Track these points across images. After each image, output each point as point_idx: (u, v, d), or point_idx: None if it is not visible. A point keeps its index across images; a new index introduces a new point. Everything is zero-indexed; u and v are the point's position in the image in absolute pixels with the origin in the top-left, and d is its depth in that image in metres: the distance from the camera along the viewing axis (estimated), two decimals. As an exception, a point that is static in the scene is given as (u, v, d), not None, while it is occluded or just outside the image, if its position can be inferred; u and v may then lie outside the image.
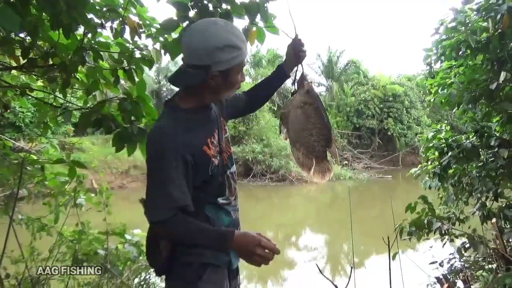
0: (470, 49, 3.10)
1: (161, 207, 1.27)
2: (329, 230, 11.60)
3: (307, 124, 1.58)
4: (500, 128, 3.64)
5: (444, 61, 3.62)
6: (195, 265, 1.37)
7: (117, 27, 2.34)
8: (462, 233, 3.57)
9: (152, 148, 1.30)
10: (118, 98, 2.21)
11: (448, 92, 3.44)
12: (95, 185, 2.79)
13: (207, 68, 1.29)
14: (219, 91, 1.38)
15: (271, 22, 2.16)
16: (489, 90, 3.03)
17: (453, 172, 4.00)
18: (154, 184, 1.30)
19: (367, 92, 24.19)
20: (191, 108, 1.37)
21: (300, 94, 1.58)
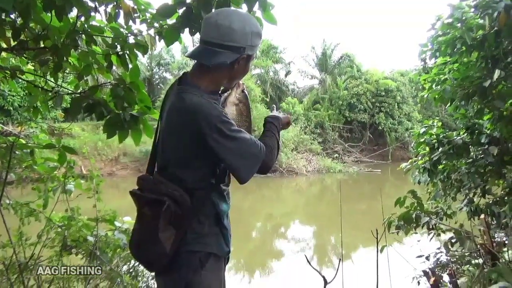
0: (465, 46, 3.11)
1: (257, 155, 1.40)
2: (318, 222, 11.70)
3: (240, 120, 1.65)
4: (491, 126, 3.68)
5: (439, 57, 3.63)
6: (200, 253, 1.39)
7: (111, 11, 2.29)
8: (449, 228, 3.62)
9: (214, 112, 1.34)
10: (111, 84, 2.17)
11: (442, 88, 3.45)
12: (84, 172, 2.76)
13: (241, 50, 1.38)
14: (236, 76, 1.49)
15: (269, 12, 2.14)
16: (482, 87, 3.05)
17: (443, 168, 4.05)
18: (240, 143, 1.36)
19: (360, 86, 24.28)
20: (212, 91, 1.44)
21: (236, 93, 1.66)
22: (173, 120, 1.40)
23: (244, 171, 1.38)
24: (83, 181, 2.62)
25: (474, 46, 3.06)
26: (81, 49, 2.26)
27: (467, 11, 3.15)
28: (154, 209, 1.33)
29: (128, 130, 2.17)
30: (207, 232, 1.42)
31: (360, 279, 4.88)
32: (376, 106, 24.26)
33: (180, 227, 1.36)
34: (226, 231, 1.48)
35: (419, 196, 3.66)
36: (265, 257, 8.58)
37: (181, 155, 1.40)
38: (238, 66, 1.42)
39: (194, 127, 1.32)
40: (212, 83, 1.44)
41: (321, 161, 21.00)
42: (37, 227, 2.56)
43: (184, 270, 1.37)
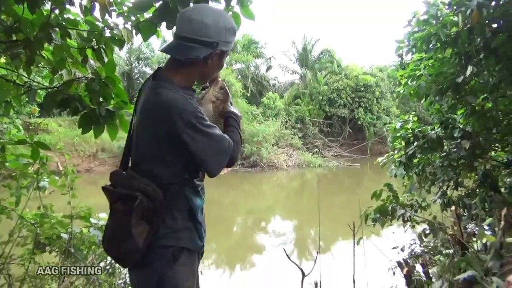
0: (440, 43, 3.18)
1: (226, 150, 1.42)
2: (298, 216, 11.81)
3: (218, 118, 1.64)
4: (464, 120, 3.79)
5: (415, 53, 3.71)
6: (173, 248, 1.40)
7: (86, 4, 2.24)
8: (423, 220, 3.72)
9: (189, 108, 1.34)
10: (86, 78, 2.12)
11: (417, 84, 3.53)
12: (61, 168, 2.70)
13: (214, 46, 1.39)
14: (209, 72, 1.50)
15: (247, 7, 2.13)
16: (455, 83, 3.14)
17: (418, 162, 4.15)
18: (212, 139, 1.38)
19: (339, 81, 24.52)
20: (186, 86, 1.44)
21: (214, 90, 1.63)
22: (147, 115, 1.40)
23: (215, 166, 1.41)
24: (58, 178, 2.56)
25: (448, 42, 3.13)
26: (55, 43, 2.21)
27: (442, 8, 3.22)
28: (127, 205, 1.32)
29: (104, 125, 2.14)
30: (181, 226, 1.42)
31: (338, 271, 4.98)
32: (355, 101, 24.57)
33: (153, 222, 1.36)
34: (200, 225, 1.48)
35: (394, 189, 3.75)
36: (246, 252, 8.63)
37: (155, 150, 1.39)
38: (212, 61, 1.43)
39: (169, 122, 1.32)
40: (185, 78, 1.44)
41: (302, 155, 21.17)
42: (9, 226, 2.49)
43: (157, 264, 1.38)
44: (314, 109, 24.77)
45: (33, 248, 2.28)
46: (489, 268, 2.19)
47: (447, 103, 3.63)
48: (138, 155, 1.46)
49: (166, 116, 1.32)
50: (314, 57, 27.11)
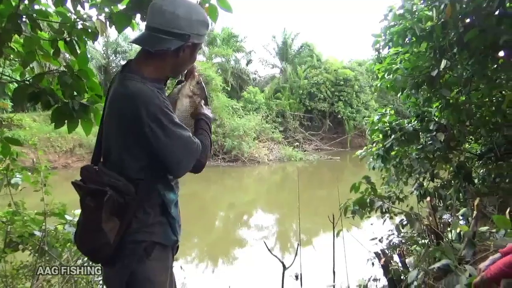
0: (415, 37, 3.23)
1: (193, 152, 1.39)
2: (279, 210, 11.89)
3: (194, 115, 1.60)
4: (439, 114, 3.88)
5: (391, 47, 3.75)
6: (145, 243, 1.38)
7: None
8: (400, 211, 3.79)
9: (156, 101, 1.31)
10: (58, 72, 2.06)
11: (393, 78, 3.58)
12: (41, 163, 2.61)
13: (186, 38, 1.37)
14: (181, 65, 1.47)
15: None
16: (430, 77, 3.20)
17: (395, 154, 4.23)
18: (177, 138, 1.35)
19: (319, 75, 24.70)
20: (156, 79, 1.41)
21: (191, 84, 1.60)
22: (115, 106, 1.37)
23: (178, 167, 1.38)
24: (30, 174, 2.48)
25: (423, 37, 3.18)
26: (25, 35, 2.13)
27: (417, 3, 3.27)
28: (97, 200, 1.30)
29: (78, 119, 2.08)
30: (153, 221, 1.40)
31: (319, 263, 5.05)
32: (335, 95, 24.82)
33: (124, 217, 1.34)
34: (174, 220, 1.46)
35: (372, 182, 3.80)
36: (228, 246, 8.63)
37: (122, 144, 1.37)
38: (183, 54, 1.41)
39: (133, 114, 1.29)
40: (156, 70, 1.41)
41: (283, 149, 21.27)
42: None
43: (129, 259, 1.36)
44: (294, 103, 24.90)
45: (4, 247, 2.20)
46: (463, 257, 2.26)
47: (422, 96, 3.70)
48: (107, 149, 1.43)
49: (131, 107, 1.29)
50: (294, 51, 27.22)
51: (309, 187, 14.35)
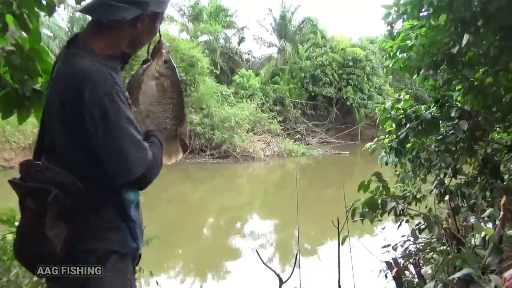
0: (432, 7, 3.21)
1: (139, 161, 1.34)
2: (278, 215, 11.92)
3: (162, 98, 1.60)
4: (462, 98, 3.88)
5: (406, 20, 3.74)
6: (100, 251, 1.36)
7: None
8: (418, 213, 3.80)
9: (104, 85, 1.28)
10: (5, 51, 2.04)
11: (407, 56, 3.57)
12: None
13: (144, 5, 1.37)
14: (140, 38, 1.48)
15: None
16: (450, 54, 3.19)
17: (411, 147, 4.22)
18: (122, 135, 1.31)
19: (324, 55, 24.72)
20: (110, 55, 1.40)
21: (157, 64, 1.59)
22: (57, 89, 1.36)
23: (115, 172, 1.34)
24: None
25: (442, 7, 3.16)
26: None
27: (435, -33, 3.25)
28: (39, 201, 1.27)
29: (30, 108, 2.07)
30: (108, 226, 1.39)
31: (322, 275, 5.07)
32: (343, 79, 24.88)
33: (73, 221, 1.32)
34: (134, 224, 1.44)
35: (384, 179, 3.81)
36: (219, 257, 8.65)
37: (68, 133, 1.34)
38: (142, 25, 1.41)
39: (76, 96, 1.27)
40: (109, 45, 1.40)
41: (282, 143, 21.31)
42: None
43: (79, 272, 1.34)
44: (295, 88, 24.92)
45: None
46: (487, 265, 2.27)
47: (442, 78, 3.69)
48: (51, 140, 1.40)
49: (74, 89, 1.27)
50: (294, 27, 27.18)
51: (312, 187, 14.41)
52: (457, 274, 2.16)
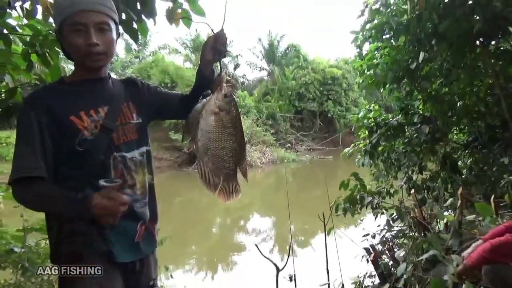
0: (392, 31, 3.26)
1: (15, 169, 1.19)
2: (275, 213, 11.86)
3: (221, 134, 1.36)
4: (422, 106, 3.91)
5: (371, 43, 3.78)
6: (69, 255, 1.27)
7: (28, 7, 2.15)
8: (391, 206, 3.80)
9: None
10: (30, 85, 2.04)
11: (374, 73, 3.60)
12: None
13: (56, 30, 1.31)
14: (73, 57, 1.31)
15: (196, 3, 2.10)
16: (410, 70, 3.23)
17: (382, 149, 4.24)
18: (15, 146, 1.23)
19: (307, 75, 24.79)
20: (72, 81, 1.34)
21: (217, 98, 1.35)
22: None
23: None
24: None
25: (400, 30, 3.22)
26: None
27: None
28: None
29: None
30: (78, 229, 1.26)
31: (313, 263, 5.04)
32: (324, 94, 24.93)
33: (58, 221, 1.27)
34: (106, 230, 1.28)
35: (361, 178, 3.81)
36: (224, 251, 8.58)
37: None
38: (63, 45, 1.32)
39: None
40: (76, 73, 1.38)
41: (275, 152, 21.26)
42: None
43: (59, 276, 1.28)
44: (284, 104, 24.95)
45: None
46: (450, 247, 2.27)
47: (404, 90, 3.72)
48: None
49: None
50: (281, 52, 27.31)
51: (302, 188, 14.38)
52: (424, 255, 2.16)
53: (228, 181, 1.43)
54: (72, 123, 1.25)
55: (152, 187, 1.47)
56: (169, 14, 2.10)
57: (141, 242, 1.38)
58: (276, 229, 10.47)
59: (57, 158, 1.25)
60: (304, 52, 26.65)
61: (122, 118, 1.37)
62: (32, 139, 1.20)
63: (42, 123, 1.21)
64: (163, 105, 1.55)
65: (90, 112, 1.29)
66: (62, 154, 1.25)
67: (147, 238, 1.42)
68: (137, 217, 1.37)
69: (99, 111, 1.31)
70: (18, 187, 1.19)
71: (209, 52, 1.41)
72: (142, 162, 1.42)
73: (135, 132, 1.41)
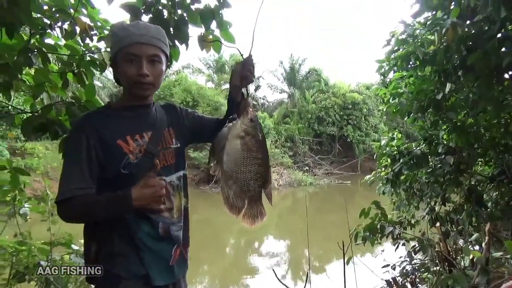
0: (419, 61, 3.25)
1: (62, 190, 1.24)
2: (291, 236, 11.71)
3: (247, 158, 1.37)
4: (447, 136, 3.84)
5: (396, 71, 3.78)
6: (107, 276, 1.30)
7: (67, 29, 2.25)
8: (413, 237, 3.71)
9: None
10: (66, 103, 2.11)
11: (399, 102, 3.58)
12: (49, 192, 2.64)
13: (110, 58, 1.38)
14: (123, 84, 1.38)
15: (227, 30, 2.16)
16: (436, 100, 3.19)
17: (405, 178, 4.16)
18: (63, 166, 1.28)
19: (327, 99, 24.83)
20: (120, 106, 1.40)
21: (243, 122, 1.37)
22: None
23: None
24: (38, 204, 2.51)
25: (427, 61, 3.19)
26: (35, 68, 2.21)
27: (419, 27, 3.31)
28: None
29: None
30: (117, 251, 1.30)
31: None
32: (344, 119, 24.84)
33: (97, 241, 1.32)
34: (144, 252, 1.32)
35: (382, 207, 3.75)
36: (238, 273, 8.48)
37: None
38: (115, 73, 1.41)
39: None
40: (123, 99, 1.44)
41: (292, 174, 21.15)
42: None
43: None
44: (303, 127, 24.95)
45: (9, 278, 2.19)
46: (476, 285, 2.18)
47: (429, 119, 3.68)
48: None
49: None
50: (302, 76, 27.53)
51: (320, 212, 14.17)
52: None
53: (253, 204, 1.44)
54: (119, 146, 1.30)
55: (187, 211, 1.50)
56: (201, 40, 2.17)
57: (175, 266, 1.40)
58: (291, 253, 10.30)
59: (101, 180, 1.29)
60: (325, 76, 26.83)
61: (163, 143, 1.41)
62: (80, 161, 1.25)
63: (90, 146, 1.26)
64: (200, 130, 1.59)
65: (135, 137, 1.34)
66: (107, 176, 1.29)
67: (180, 261, 1.44)
68: (172, 240, 1.40)
69: (144, 135, 1.36)
70: (63, 207, 1.24)
71: (237, 78, 1.45)
72: (179, 186, 1.46)
73: (174, 157, 1.45)
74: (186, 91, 20.33)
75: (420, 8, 3.08)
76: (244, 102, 1.44)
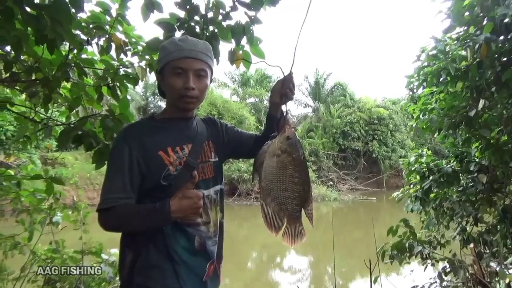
0: (450, 77, 3.18)
1: (103, 198, 1.27)
2: (314, 252, 11.52)
3: (282, 176, 1.35)
4: (480, 154, 3.72)
5: (426, 87, 3.71)
6: (143, 286, 1.29)
7: (103, 44, 2.34)
8: (443, 258, 3.58)
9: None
10: (100, 115, 2.19)
11: (429, 118, 3.50)
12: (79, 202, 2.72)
13: (157, 70, 1.41)
14: (168, 96, 1.41)
15: (257, 46, 2.19)
16: (468, 117, 3.11)
17: (435, 196, 4.05)
18: (105, 175, 1.30)
19: (353, 114, 24.58)
20: (162, 118, 1.42)
21: (279, 140, 1.36)
22: None
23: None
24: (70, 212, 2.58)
25: (459, 76, 3.13)
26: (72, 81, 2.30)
27: (450, 43, 3.25)
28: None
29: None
30: (153, 264, 1.29)
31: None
32: (369, 134, 24.48)
33: (133, 251, 1.32)
34: (180, 266, 1.31)
35: (411, 225, 3.64)
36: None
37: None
38: (161, 84, 1.44)
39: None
40: (166, 111, 1.46)
41: (316, 189, 20.87)
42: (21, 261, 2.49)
43: None
44: (328, 142, 24.73)
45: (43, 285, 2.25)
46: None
47: (461, 136, 3.58)
48: None
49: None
50: (327, 90, 27.44)
51: (344, 228, 13.91)
52: (484, 318, 1.98)
53: (292, 223, 1.42)
54: (160, 158, 1.31)
55: (222, 226, 1.50)
56: (231, 56, 2.21)
57: (208, 282, 1.39)
58: (313, 269, 10.12)
59: (141, 190, 1.31)
60: (350, 91, 26.64)
61: (203, 156, 1.42)
62: (122, 170, 1.27)
63: (132, 156, 1.28)
64: (238, 146, 1.60)
65: (176, 149, 1.36)
66: (146, 186, 1.31)
67: (214, 277, 1.43)
68: (208, 255, 1.39)
69: (184, 148, 1.38)
70: (104, 215, 1.27)
71: (277, 95, 1.47)
72: (216, 200, 1.46)
73: (212, 170, 1.46)
74: (211, 104, 20.61)
75: (451, 23, 3.04)
76: (283, 119, 1.44)
